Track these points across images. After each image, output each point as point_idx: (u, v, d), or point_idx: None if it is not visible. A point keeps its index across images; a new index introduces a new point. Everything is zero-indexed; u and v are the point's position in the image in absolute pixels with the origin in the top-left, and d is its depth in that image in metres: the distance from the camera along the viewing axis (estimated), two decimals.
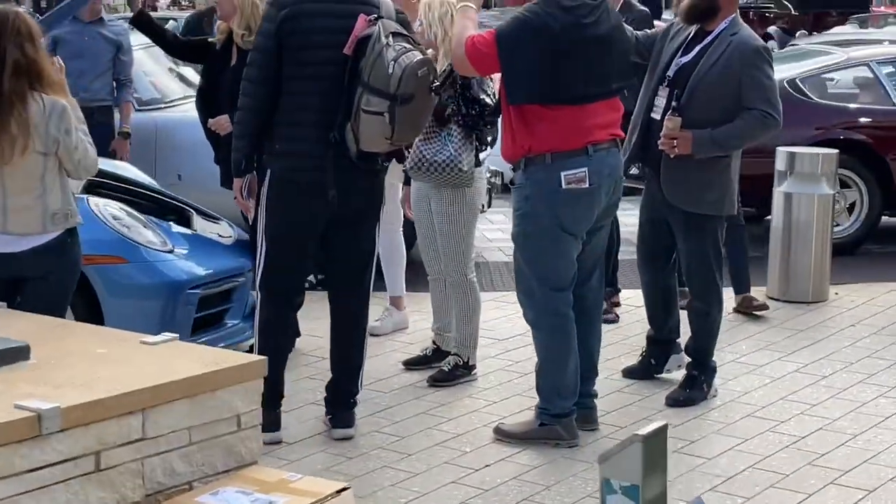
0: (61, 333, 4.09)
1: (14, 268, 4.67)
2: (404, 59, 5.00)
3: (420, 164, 5.84)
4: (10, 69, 4.51)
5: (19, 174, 4.58)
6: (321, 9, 5.14)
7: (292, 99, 5.11)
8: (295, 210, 5.18)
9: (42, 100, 4.57)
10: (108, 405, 3.45)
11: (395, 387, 6.05)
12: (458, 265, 6.06)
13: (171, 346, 3.98)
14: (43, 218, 4.64)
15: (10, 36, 4.54)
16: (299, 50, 5.10)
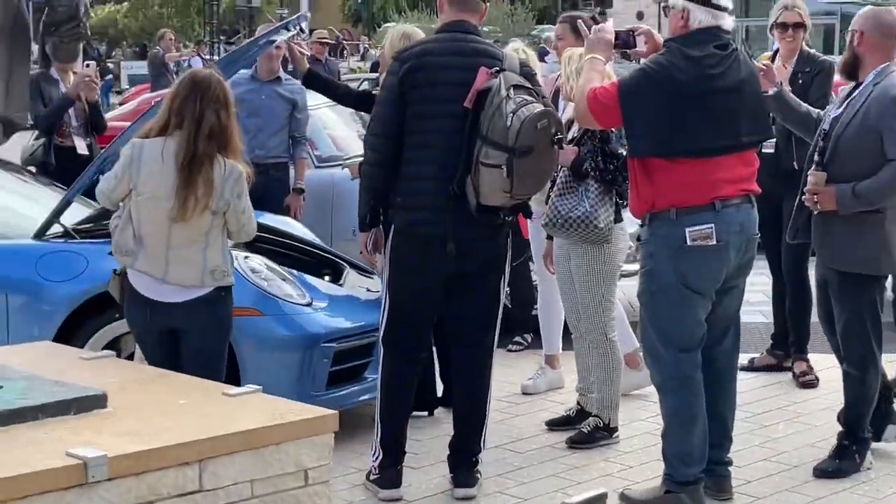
0: (152, 384, 4.15)
1: (169, 318, 4.86)
2: (523, 111, 4.93)
3: (555, 219, 5.74)
4: (206, 132, 4.76)
5: (186, 228, 4.79)
6: (443, 62, 5.12)
7: (414, 152, 5.11)
8: (416, 264, 5.15)
9: (224, 163, 4.80)
10: (161, 455, 3.47)
11: (533, 447, 5.92)
12: (597, 324, 5.90)
13: (250, 397, 4.00)
14: (202, 272, 4.84)
15: (210, 101, 4.79)
16: (421, 103, 5.09)
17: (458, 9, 5.26)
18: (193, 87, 4.81)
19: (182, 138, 4.76)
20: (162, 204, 4.76)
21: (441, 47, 5.20)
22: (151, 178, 4.78)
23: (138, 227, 4.82)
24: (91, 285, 5.64)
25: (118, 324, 5.68)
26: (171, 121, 4.81)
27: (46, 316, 5.63)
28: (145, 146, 4.83)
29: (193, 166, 4.74)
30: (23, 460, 3.32)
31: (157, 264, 4.82)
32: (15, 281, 5.67)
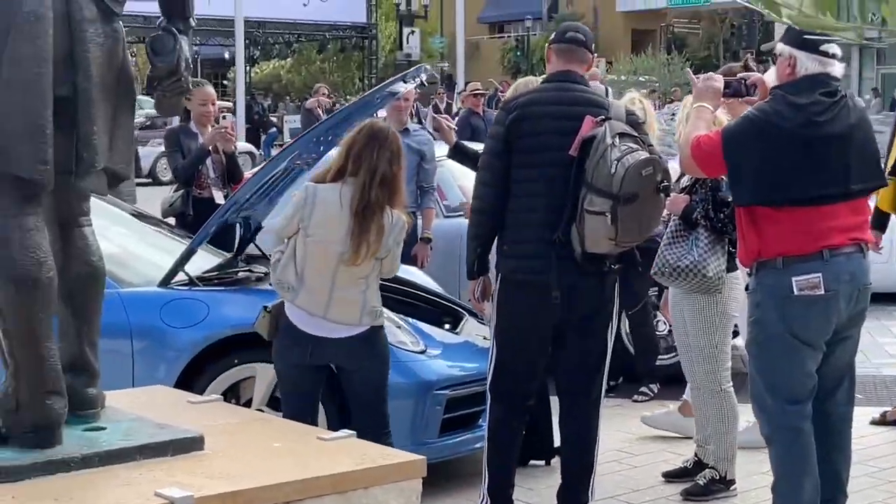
0: (251, 427, 4.25)
1: (330, 354, 5.11)
2: (628, 158, 4.95)
3: (663, 268, 5.71)
4: (379, 181, 4.99)
5: (351, 271, 5.01)
6: (549, 111, 5.17)
7: (519, 200, 5.15)
8: (522, 311, 5.18)
9: (391, 213, 5.04)
10: (248, 496, 3.56)
11: (647, 499, 5.86)
12: (710, 375, 5.83)
13: (343, 442, 4.07)
14: (361, 311, 5.07)
15: (384, 151, 5.04)
16: (527, 152, 5.14)
17: (565, 60, 5.32)
18: (371, 137, 5.06)
19: (357, 186, 4.99)
20: (332, 247, 4.99)
21: (546, 97, 5.25)
22: (324, 222, 5.01)
23: (302, 266, 5.04)
24: (212, 332, 5.80)
25: (238, 369, 5.84)
26: (348, 167, 5.04)
27: (169, 361, 5.80)
28: (319, 190, 5.07)
29: (367, 213, 4.98)
30: (115, 499, 3.46)
31: (318, 302, 5.03)
32: (140, 326, 5.86)
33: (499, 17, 58.72)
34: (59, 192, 3.81)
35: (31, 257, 3.64)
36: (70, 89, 3.70)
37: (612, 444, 6.69)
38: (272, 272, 5.20)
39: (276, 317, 5.16)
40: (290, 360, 5.16)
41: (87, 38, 3.72)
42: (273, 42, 44.05)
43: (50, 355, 3.72)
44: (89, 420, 3.95)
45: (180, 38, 3.89)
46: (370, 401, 5.16)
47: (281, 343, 5.17)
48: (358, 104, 6.27)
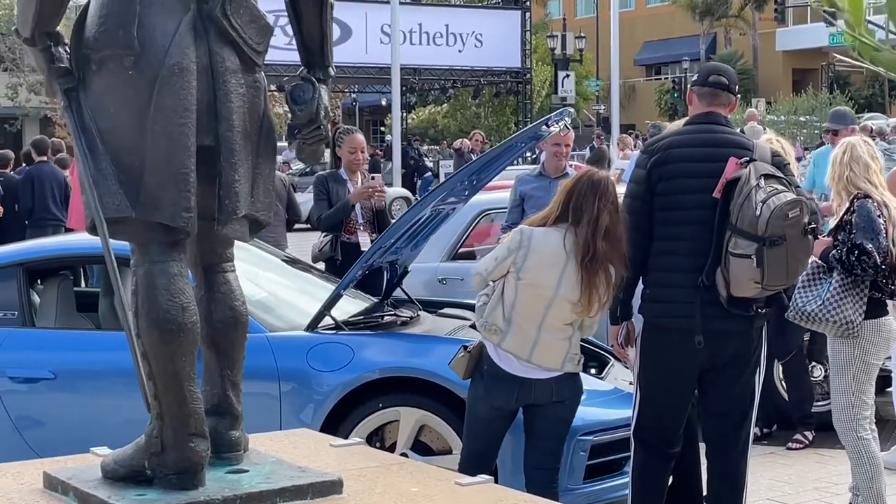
0: (388, 470, 4.27)
1: (532, 393, 5.07)
2: (773, 200, 4.86)
3: (793, 311, 5.61)
4: (603, 233, 4.96)
5: (559, 317, 5.00)
6: (692, 153, 5.11)
7: (662, 244, 5.10)
8: (666, 357, 5.11)
9: (612, 269, 5.01)
10: None
11: None
12: (846, 421, 5.69)
13: (481, 488, 4.06)
14: (564, 358, 5.05)
15: (605, 201, 4.99)
16: (669, 194, 5.09)
17: (708, 102, 5.25)
18: (592, 186, 4.99)
19: (581, 236, 4.95)
20: (544, 291, 4.98)
21: (688, 139, 5.19)
22: (540, 266, 4.98)
23: (511, 309, 5.03)
24: (357, 375, 5.86)
25: (382, 413, 5.88)
26: (568, 215, 5.01)
27: (315, 404, 5.88)
28: (535, 234, 5.04)
29: (593, 265, 4.93)
30: None
31: (524, 345, 5.01)
32: (287, 370, 5.95)
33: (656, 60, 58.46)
34: (203, 238, 3.91)
35: (175, 303, 3.73)
36: (213, 139, 3.79)
37: (764, 492, 6.55)
38: (477, 315, 5.19)
39: (475, 358, 5.15)
40: (491, 402, 5.12)
41: (229, 88, 3.81)
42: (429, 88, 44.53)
43: (193, 398, 3.79)
44: (232, 462, 4.01)
45: (319, 87, 3.96)
46: (553, 436, 5.14)
47: (483, 385, 5.14)
48: (503, 147, 6.29)
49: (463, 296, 8.22)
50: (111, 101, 3.71)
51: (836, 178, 5.69)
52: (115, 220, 3.70)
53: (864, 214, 5.57)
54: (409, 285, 7.25)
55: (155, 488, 3.77)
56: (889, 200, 5.67)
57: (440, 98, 46.23)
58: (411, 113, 48.90)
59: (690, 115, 5.34)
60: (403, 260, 6.87)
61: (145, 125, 3.68)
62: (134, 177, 3.70)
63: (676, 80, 48.95)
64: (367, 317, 6.44)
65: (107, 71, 3.72)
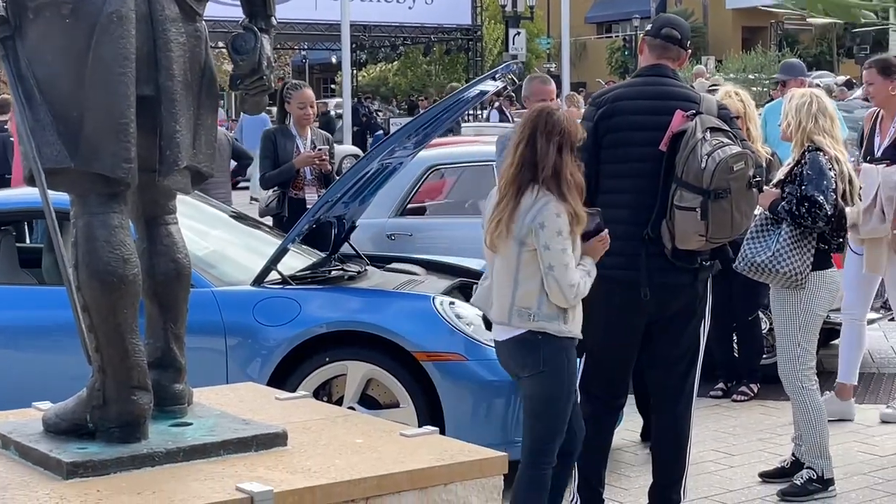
0: (333, 423, 4.26)
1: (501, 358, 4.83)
2: (719, 153, 4.86)
3: (742, 262, 5.66)
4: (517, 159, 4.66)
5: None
6: (638, 106, 5.10)
7: (607, 196, 5.08)
8: (612, 310, 5.11)
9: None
10: (327, 491, 3.57)
11: (742, 499, 5.76)
12: (791, 371, 5.74)
13: (426, 438, 4.05)
14: (509, 309, 4.66)
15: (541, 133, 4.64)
16: (616, 147, 5.08)
17: (658, 54, 5.24)
18: (523, 120, 4.76)
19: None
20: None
21: (635, 91, 5.18)
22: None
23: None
24: (303, 329, 5.83)
25: (330, 367, 5.86)
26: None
27: (262, 359, 5.85)
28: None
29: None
30: (196, 493, 3.49)
31: (485, 298, 4.79)
32: (233, 325, 5.91)
33: (606, 17, 58.36)
34: (144, 190, 3.87)
35: (116, 254, 3.69)
36: (153, 88, 3.75)
37: (709, 443, 6.61)
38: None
39: None
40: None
41: (169, 37, 3.76)
42: (379, 45, 44.29)
43: (135, 351, 3.77)
44: (175, 416, 4.00)
45: (261, 37, 3.92)
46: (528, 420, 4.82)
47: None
48: (450, 101, 6.26)
49: (411, 251, 8.22)
50: (48, 49, 3.66)
51: (798, 127, 5.68)
52: (54, 171, 3.66)
53: (815, 167, 5.59)
54: (358, 241, 7.22)
55: (97, 441, 3.75)
56: (841, 155, 5.70)
57: (391, 55, 46.00)
58: (362, 70, 48.61)
59: (640, 67, 5.33)
60: (351, 215, 6.83)
61: (84, 74, 3.62)
62: (73, 127, 3.65)
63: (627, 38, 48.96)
64: (314, 271, 6.41)
65: (44, 19, 3.66)
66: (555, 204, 4.56)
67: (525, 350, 4.69)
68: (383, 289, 6.31)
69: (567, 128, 4.65)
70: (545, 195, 4.58)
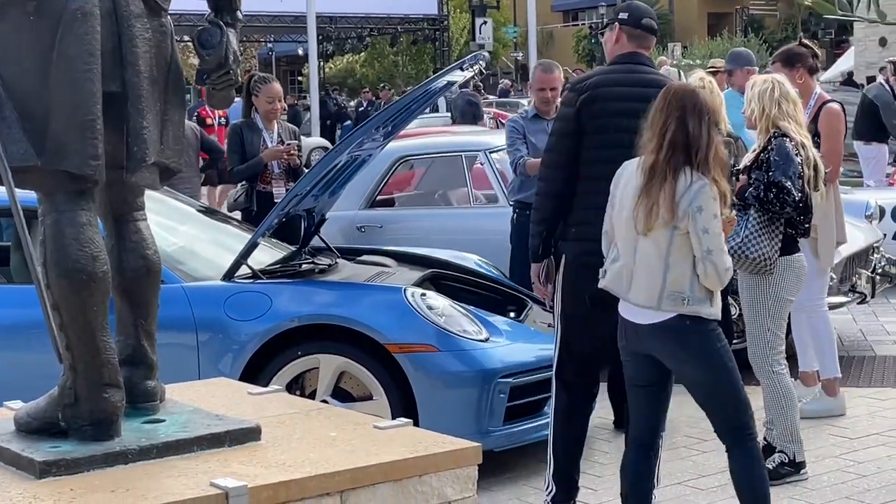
0: (306, 416, 4.26)
1: (635, 339, 4.69)
2: None
3: None
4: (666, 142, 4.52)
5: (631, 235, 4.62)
6: (621, 92, 5.12)
7: (589, 183, 5.08)
8: (586, 294, 5.11)
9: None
10: (302, 486, 3.57)
11: (715, 485, 5.78)
12: (761, 356, 5.78)
13: (400, 430, 4.06)
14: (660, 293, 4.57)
15: (672, 111, 4.56)
16: (599, 132, 5.08)
17: (638, 44, 5.28)
18: (661, 100, 4.61)
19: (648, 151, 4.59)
20: (627, 213, 4.61)
21: (617, 78, 5.19)
22: (626, 192, 4.64)
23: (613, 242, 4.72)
24: (275, 323, 5.82)
25: (302, 361, 5.86)
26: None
27: (233, 354, 5.84)
28: (626, 164, 4.71)
29: (652, 175, 4.54)
30: (170, 489, 3.48)
31: (620, 280, 4.66)
32: (204, 320, 5.90)
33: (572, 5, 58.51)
34: (112, 187, 3.85)
35: (85, 252, 3.67)
36: (119, 85, 3.73)
37: (683, 429, 6.63)
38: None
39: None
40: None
41: (134, 33, 3.74)
42: (346, 37, 44.20)
43: (106, 348, 3.75)
44: (148, 412, 3.99)
45: (227, 31, 3.90)
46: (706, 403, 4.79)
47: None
48: (418, 92, 6.26)
49: (381, 243, 8.23)
50: (13, 46, 3.64)
51: (762, 114, 5.72)
52: (21, 169, 3.63)
53: (782, 153, 5.62)
54: (328, 233, 7.22)
55: (70, 440, 3.73)
56: (807, 140, 5.73)
57: (357, 47, 45.92)
58: (329, 62, 48.50)
59: (616, 54, 5.31)
60: (321, 207, 6.83)
61: (49, 72, 3.61)
62: (39, 125, 3.63)
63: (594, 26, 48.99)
64: (285, 265, 6.41)
65: (8, 16, 3.63)
66: (710, 187, 4.52)
67: (678, 338, 4.59)
68: (354, 281, 6.31)
69: (712, 105, 4.66)
70: (700, 178, 4.51)
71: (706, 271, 4.49)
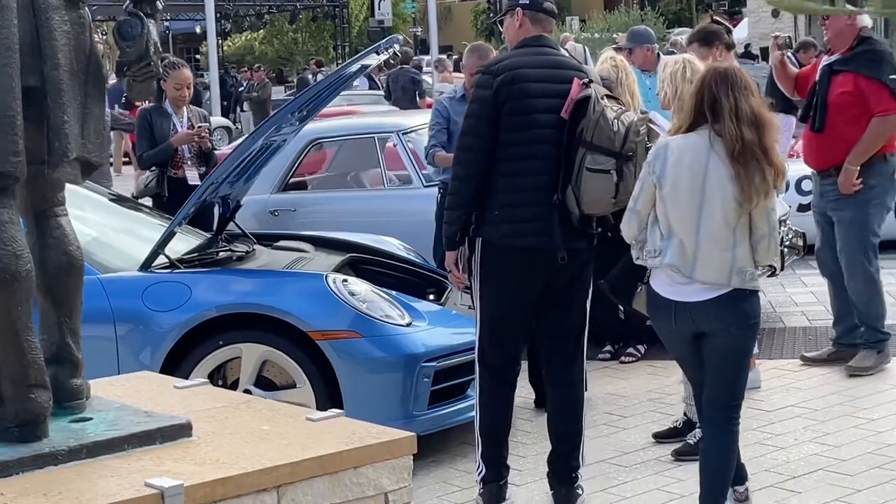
0: (238, 410, 4.22)
1: (686, 319, 4.69)
2: (625, 117, 4.99)
3: None
4: (746, 120, 4.60)
5: (716, 221, 4.65)
6: (537, 74, 5.14)
7: (512, 164, 5.09)
8: (512, 278, 5.14)
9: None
10: (238, 482, 3.53)
11: (638, 461, 5.86)
12: None
13: (333, 422, 4.04)
14: (730, 270, 4.63)
15: (739, 89, 4.64)
16: (518, 115, 5.08)
17: (542, 27, 5.30)
18: (722, 79, 4.61)
19: (726, 129, 4.56)
20: (692, 198, 4.59)
21: (531, 60, 5.20)
22: (682, 172, 4.60)
23: (666, 223, 4.66)
24: (195, 313, 5.76)
25: (224, 350, 5.80)
26: (706, 117, 4.62)
27: (153, 345, 5.77)
28: (672, 142, 4.67)
29: (745, 156, 4.56)
30: (103, 491, 3.42)
31: (685, 259, 4.62)
32: (123, 312, 5.82)
33: None
34: (33, 183, 3.76)
35: (7, 251, 3.59)
36: (38, 79, 3.64)
37: (602, 406, 6.70)
38: (634, 250, 4.77)
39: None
40: (660, 329, 4.91)
41: (52, 25, 3.66)
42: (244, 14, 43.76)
43: (31, 348, 3.68)
44: (75, 411, 3.91)
45: (148, 22, 3.84)
46: (723, 369, 4.76)
47: (652, 314, 4.90)
48: (334, 76, 6.22)
49: (295, 227, 8.18)
50: None
51: (675, 94, 5.77)
52: None
53: None
54: (241, 218, 7.14)
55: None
56: None
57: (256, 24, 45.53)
58: (227, 40, 47.98)
59: (521, 38, 5.31)
60: (236, 194, 6.76)
61: None
62: None
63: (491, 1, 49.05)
64: (202, 254, 6.34)
65: None
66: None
67: (737, 305, 4.63)
68: (273, 268, 6.26)
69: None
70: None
71: (769, 247, 4.64)
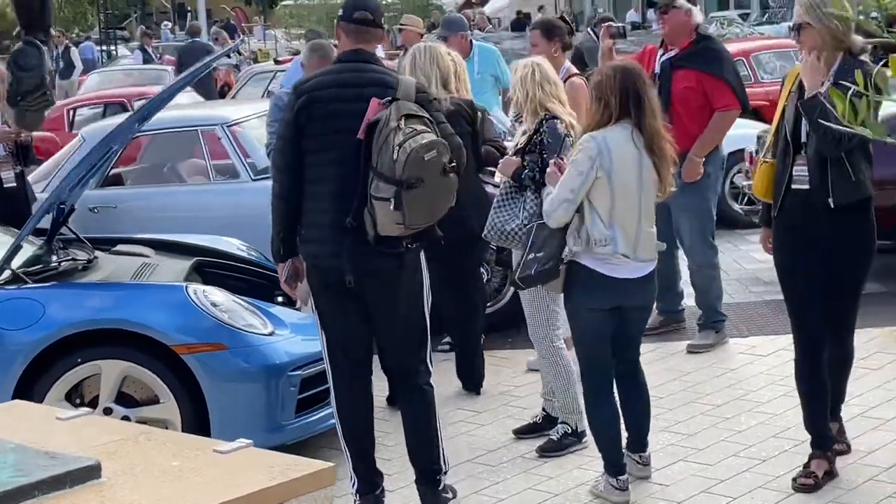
0: (136, 444, 4.08)
1: (621, 296, 5.27)
2: (410, 143, 4.85)
3: (491, 231, 5.84)
4: (654, 113, 5.27)
5: (649, 205, 5.28)
6: (335, 94, 5.08)
7: (312, 186, 5.07)
8: (324, 294, 5.17)
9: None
10: None
11: (504, 459, 5.93)
12: (543, 334, 5.97)
13: (244, 453, 3.93)
14: (654, 244, 5.35)
15: (643, 83, 5.25)
16: (316, 136, 5.05)
17: (355, 39, 5.22)
18: (630, 76, 5.17)
19: (645, 125, 5.15)
20: (634, 185, 5.16)
21: (333, 79, 5.15)
22: (624, 163, 5.13)
23: (608, 214, 5.14)
24: (50, 331, 5.54)
25: (81, 368, 5.61)
26: (621, 112, 5.15)
27: (6, 365, 5.53)
28: (608, 136, 5.13)
29: (656, 146, 5.20)
30: None
31: (629, 244, 5.16)
32: None
33: None
34: None
35: None
36: None
37: (453, 402, 6.75)
38: (570, 237, 5.23)
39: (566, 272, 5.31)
40: (591, 305, 5.29)
41: None
42: None
43: None
44: None
45: (44, 50, 3.67)
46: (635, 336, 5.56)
47: (582, 293, 5.29)
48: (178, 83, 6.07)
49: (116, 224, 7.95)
50: None
51: (527, 98, 5.84)
52: None
53: (554, 135, 5.77)
54: None
55: None
56: (574, 119, 5.90)
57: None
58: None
59: (339, 52, 5.28)
60: (71, 199, 6.52)
61: None
62: None
63: None
64: (46, 266, 6.09)
65: None
66: None
67: (654, 278, 5.38)
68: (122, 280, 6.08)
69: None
70: None
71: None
